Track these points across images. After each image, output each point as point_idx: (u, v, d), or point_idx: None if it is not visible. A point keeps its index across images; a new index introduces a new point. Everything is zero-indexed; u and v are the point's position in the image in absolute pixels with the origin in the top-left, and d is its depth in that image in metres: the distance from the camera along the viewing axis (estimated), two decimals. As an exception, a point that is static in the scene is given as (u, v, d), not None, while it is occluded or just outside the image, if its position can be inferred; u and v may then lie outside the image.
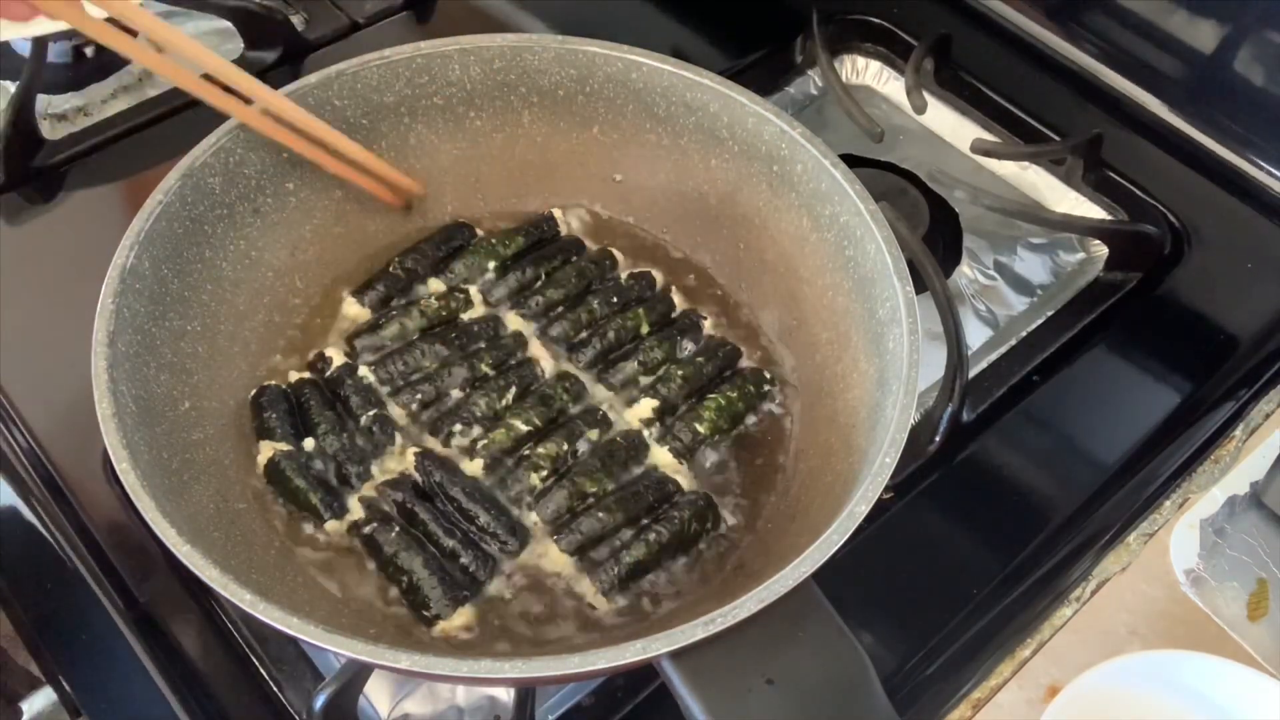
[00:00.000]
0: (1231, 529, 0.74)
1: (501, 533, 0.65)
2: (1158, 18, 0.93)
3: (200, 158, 0.67)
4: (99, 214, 0.86)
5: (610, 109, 0.77)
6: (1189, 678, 0.64)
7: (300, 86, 0.71)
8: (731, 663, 0.51)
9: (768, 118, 0.71)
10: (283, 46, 0.96)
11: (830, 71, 0.96)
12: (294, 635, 0.51)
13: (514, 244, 0.78)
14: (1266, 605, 0.70)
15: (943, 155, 0.96)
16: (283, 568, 0.63)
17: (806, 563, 0.52)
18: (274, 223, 0.73)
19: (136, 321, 0.62)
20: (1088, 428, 0.78)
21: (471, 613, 0.63)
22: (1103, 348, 0.81)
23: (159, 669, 0.65)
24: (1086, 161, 0.91)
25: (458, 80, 0.75)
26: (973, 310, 0.85)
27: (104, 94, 0.95)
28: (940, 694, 0.66)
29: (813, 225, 0.71)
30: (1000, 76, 0.97)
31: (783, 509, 0.68)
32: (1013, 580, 0.70)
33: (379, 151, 0.76)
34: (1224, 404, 0.79)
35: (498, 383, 0.72)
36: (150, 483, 0.55)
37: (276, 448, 0.68)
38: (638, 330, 0.75)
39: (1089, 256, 0.89)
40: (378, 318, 0.75)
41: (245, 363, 0.71)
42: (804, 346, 0.73)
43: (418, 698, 0.66)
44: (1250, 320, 0.83)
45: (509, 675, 0.50)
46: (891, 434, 0.57)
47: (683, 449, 0.70)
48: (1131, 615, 0.69)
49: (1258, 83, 0.90)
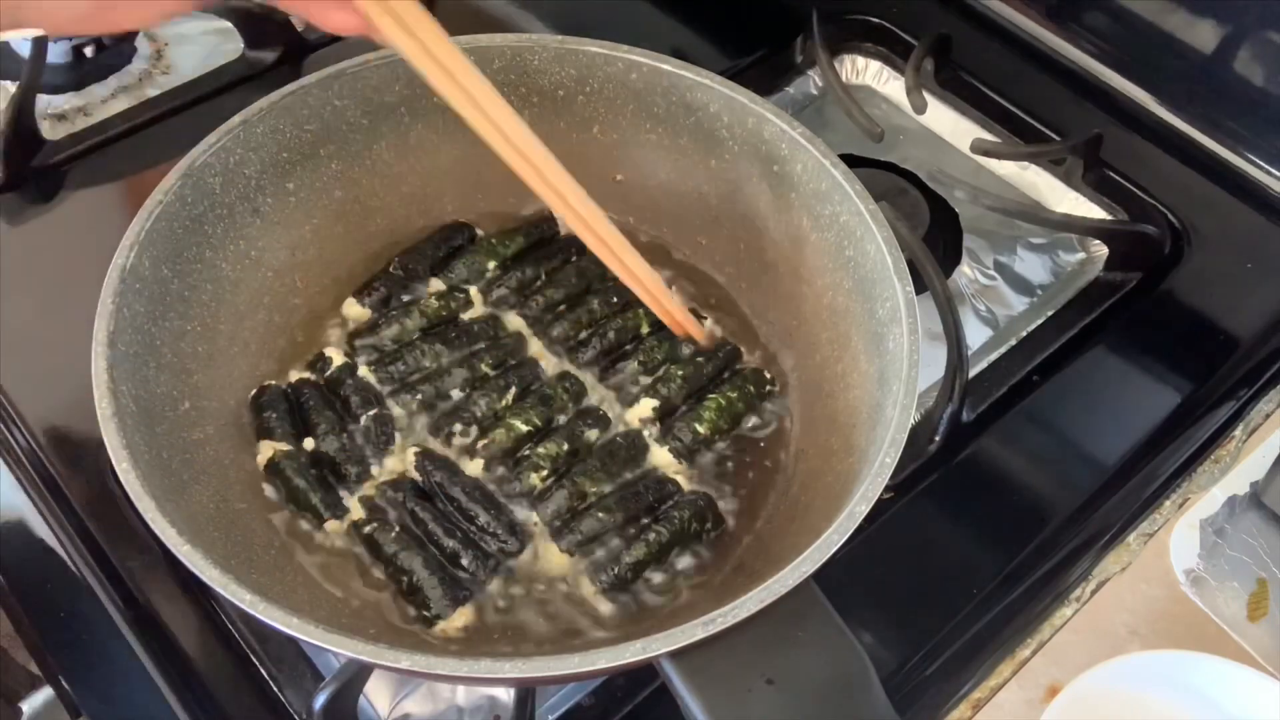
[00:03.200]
0: (1231, 529, 0.74)
1: (501, 533, 0.65)
2: (1158, 18, 0.93)
3: (200, 158, 0.67)
4: (99, 214, 0.86)
5: (610, 109, 0.76)
6: (1189, 678, 0.64)
7: (300, 86, 0.70)
8: (731, 663, 0.51)
9: (768, 118, 0.71)
10: (283, 46, 0.96)
11: (830, 71, 0.96)
12: (294, 635, 0.50)
13: (514, 244, 0.78)
14: (1266, 605, 0.70)
15: (943, 155, 0.96)
16: (282, 568, 0.63)
17: (806, 563, 0.52)
18: (274, 223, 0.73)
19: (136, 321, 0.62)
20: (1088, 428, 0.78)
21: (471, 613, 0.63)
22: (1103, 348, 0.81)
23: (159, 669, 0.65)
24: (1086, 161, 0.91)
25: (457, 80, 0.75)
26: (973, 310, 0.85)
27: (104, 94, 0.95)
28: (940, 694, 0.66)
29: (813, 225, 0.71)
30: (1000, 76, 0.97)
31: (783, 509, 0.68)
32: (1013, 580, 0.70)
33: (378, 151, 0.76)
34: (1224, 404, 0.79)
35: (498, 383, 0.72)
36: (150, 483, 0.55)
37: (276, 448, 0.68)
38: (638, 330, 0.75)
39: (1089, 256, 0.89)
40: (378, 318, 0.75)
41: (245, 363, 0.71)
42: (804, 346, 0.73)
43: (418, 698, 0.66)
44: (1250, 320, 0.83)
45: (509, 675, 0.50)
46: (891, 434, 0.57)
47: (683, 449, 0.70)
48: (1131, 615, 0.69)
49: (1258, 83, 0.90)
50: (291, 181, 0.73)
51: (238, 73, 0.95)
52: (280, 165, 0.72)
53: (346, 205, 0.76)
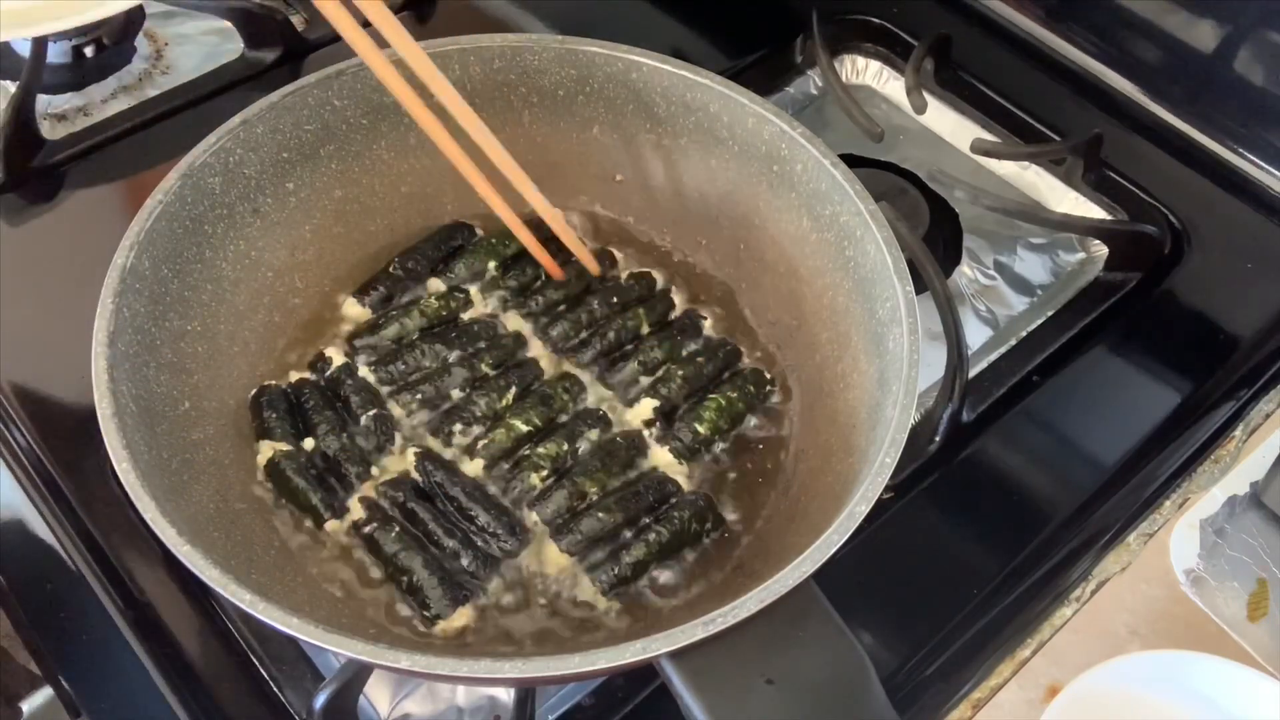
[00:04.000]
0: (1231, 529, 0.74)
1: (501, 533, 0.65)
2: (1158, 18, 0.93)
3: (200, 158, 0.67)
4: (99, 214, 0.86)
5: (610, 109, 0.76)
6: (1189, 678, 0.64)
7: (300, 86, 0.71)
8: (731, 663, 0.51)
9: (768, 118, 0.71)
10: (283, 46, 0.96)
11: (830, 71, 0.96)
12: (294, 635, 0.50)
13: (514, 244, 0.78)
14: (1266, 605, 0.70)
15: (943, 155, 0.96)
16: (283, 568, 0.63)
17: (806, 563, 0.52)
18: (274, 223, 0.73)
19: (136, 321, 0.62)
20: (1088, 428, 0.78)
21: (471, 613, 0.63)
22: (1103, 348, 0.81)
23: (159, 669, 0.65)
24: (1086, 161, 0.91)
25: (458, 80, 0.75)
26: (973, 310, 0.85)
27: (104, 94, 0.95)
28: (940, 694, 0.66)
29: (813, 225, 0.71)
30: (1000, 76, 0.97)
31: (783, 509, 0.68)
32: (1013, 580, 0.70)
33: (378, 151, 0.76)
34: (1224, 404, 0.79)
35: (498, 383, 0.72)
36: (150, 483, 0.55)
37: (276, 448, 0.68)
38: (638, 330, 0.75)
39: (1089, 256, 0.89)
40: (378, 318, 0.75)
41: (245, 363, 0.71)
42: (804, 346, 0.73)
43: (418, 698, 0.66)
44: (1250, 320, 0.83)
45: (509, 675, 0.50)
46: (891, 434, 0.57)
47: (683, 449, 0.70)
48: (1131, 615, 0.69)
49: (1258, 83, 0.90)
50: (291, 181, 0.73)
51: (238, 73, 0.95)
52: (280, 165, 0.72)
53: (346, 205, 0.76)
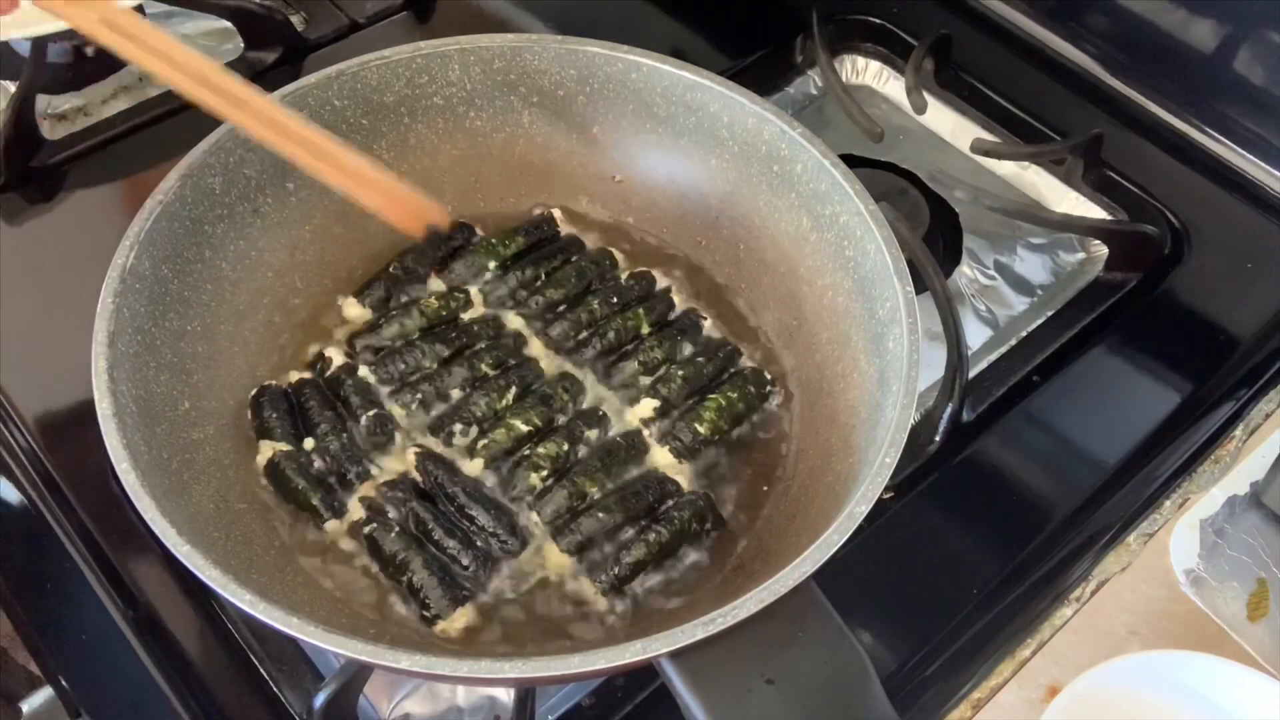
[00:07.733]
0: (1231, 529, 0.74)
1: (501, 533, 0.65)
2: (1158, 18, 0.94)
3: (200, 158, 0.67)
4: (99, 214, 0.86)
5: (610, 109, 0.77)
6: (1189, 678, 0.64)
7: (300, 86, 0.71)
8: (731, 663, 0.51)
9: (768, 118, 0.71)
10: (282, 46, 0.96)
11: (830, 71, 0.96)
12: (294, 635, 0.51)
13: (514, 244, 0.78)
14: (1266, 605, 0.70)
15: (943, 155, 0.96)
16: (283, 568, 0.63)
17: (806, 563, 0.52)
18: (274, 223, 0.73)
19: (136, 321, 0.62)
20: (1088, 428, 0.78)
21: (471, 613, 0.63)
22: (1103, 348, 0.81)
23: (159, 669, 0.65)
24: (1086, 161, 0.91)
25: (458, 80, 0.75)
26: (973, 310, 0.85)
27: (104, 94, 0.95)
28: (940, 694, 0.66)
29: (813, 225, 0.71)
30: (1000, 76, 0.97)
31: (783, 509, 0.68)
32: (1013, 580, 0.70)
33: (378, 151, 0.76)
34: (1224, 404, 0.79)
35: (498, 383, 0.72)
36: (150, 483, 0.55)
37: (276, 448, 0.68)
38: (638, 330, 0.75)
39: (1089, 256, 0.89)
40: (378, 318, 0.75)
41: (245, 363, 0.71)
42: (804, 346, 0.73)
43: (418, 698, 0.66)
44: (1250, 320, 0.83)
45: (509, 675, 0.50)
46: (891, 434, 0.57)
47: (683, 449, 0.70)
48: (1131, 615, 0.69)
49: (1258, 83, 0.90)
50: (291, 181, 0.73)
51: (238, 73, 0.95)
52: (280, 165, 0.72)
53: (346, 205, 0.76)
